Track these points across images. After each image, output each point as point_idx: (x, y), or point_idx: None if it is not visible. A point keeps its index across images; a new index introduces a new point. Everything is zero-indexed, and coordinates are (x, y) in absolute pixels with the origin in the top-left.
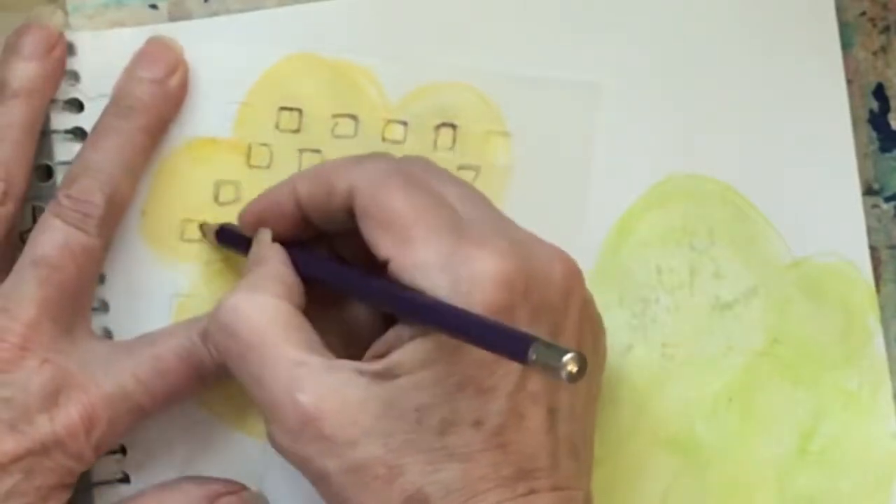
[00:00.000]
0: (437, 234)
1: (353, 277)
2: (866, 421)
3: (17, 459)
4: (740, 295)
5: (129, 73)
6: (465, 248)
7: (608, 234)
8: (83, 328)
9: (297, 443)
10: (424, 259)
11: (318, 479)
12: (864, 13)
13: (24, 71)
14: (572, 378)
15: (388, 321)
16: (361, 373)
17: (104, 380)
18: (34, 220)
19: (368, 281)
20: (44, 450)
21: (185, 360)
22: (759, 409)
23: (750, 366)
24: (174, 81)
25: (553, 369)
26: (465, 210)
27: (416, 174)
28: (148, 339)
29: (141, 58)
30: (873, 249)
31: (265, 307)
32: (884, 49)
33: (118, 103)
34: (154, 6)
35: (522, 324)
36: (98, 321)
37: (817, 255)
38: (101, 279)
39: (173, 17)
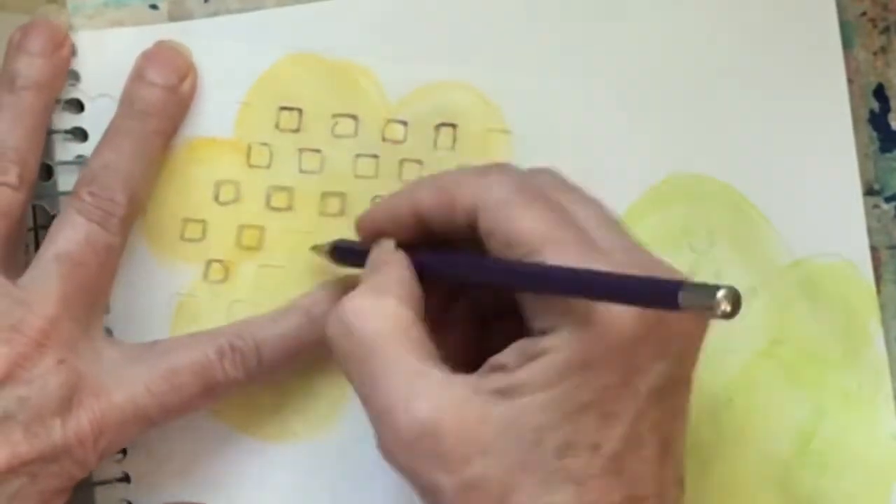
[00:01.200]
0: (567, 257)
1: (488, 263)
2: (866, 421)
3: (26, 464)
4: None
5: (140, 76)
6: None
7: None
8: (97, 329)
9: (409, 454)
10: None
11: (427, 492)
12: (864, 13)
13: (34, 66)
14: (727, 315)
15: (490, 336)
16: (481, 389)
17: (117, 389)
18: (35, 220)
19: (504, 263)
20: (53, 456)
21: (199, 376)
22: (760, 410)
23: (750, 366)
24: (185, 87)
25: (709, 308)
26: (599, 235)
27: (544, 190)
28: (163, 348)
29: (152, 61)
30: (874, 250)
31: (388, 312)
32: (884, 49)
33: (131, 106)
34: (154, 6)
35: (648, 356)
36: None
37: (818, 256)
38: None
39: (173, 18)
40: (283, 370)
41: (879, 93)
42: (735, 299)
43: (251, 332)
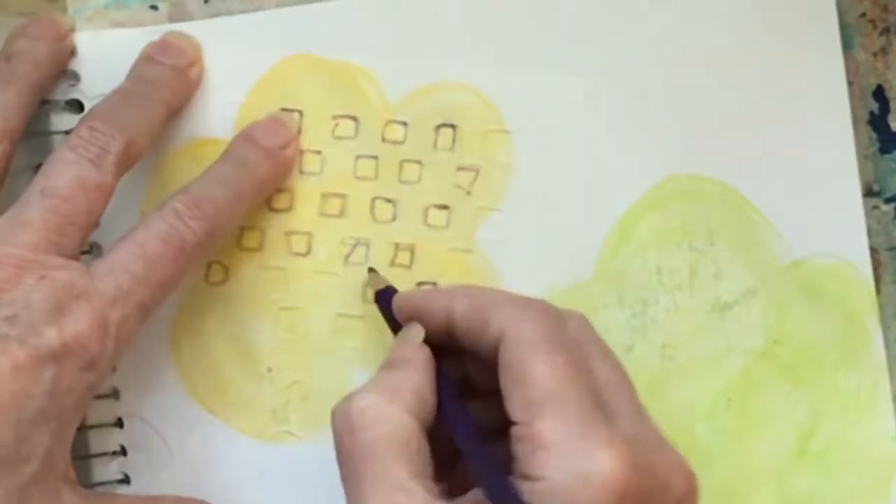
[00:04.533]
0: (569, 417)
1: (470, 435)
2: (865, 422)
3: (27, 368)
4: (740, 296)
5: (149, 57)
6: (591, 442)
7: (608, 235)
8: (77, 255)
9: None
10: (547, 437)
11: None
12: (864, 14)
13: (33, 46)
14: None
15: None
16: None
17: (103, 284)
18: None
19: (478, 449)
20: (54, 359)
21: (168, 244)
22: (759, 410)
23: (749, 366)
24: (193, 72)
25: None
26: (610, 399)
27: (571, 343)
28: (129, 235)
29: (161, 46)
30: (873, 251)
31: (393, 420)
32: (884, 50)
33: (139, 79)
34: (154, 7)
35: None
36: None
37: (817, 256)
38: None
39: (174, 19)
40: (236, 218)
41: (879, 94)
42: None
43: (194, 188)
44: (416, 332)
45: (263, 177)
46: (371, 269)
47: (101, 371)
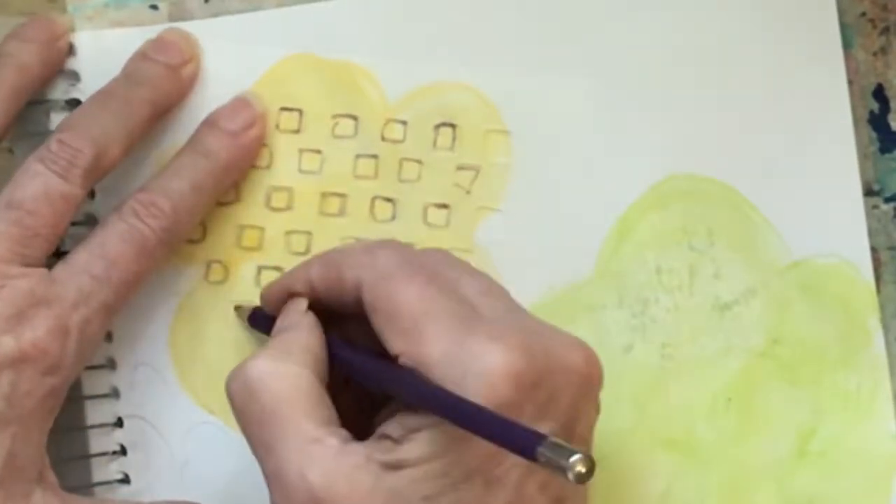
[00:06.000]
0: (447, 328)
1: (367, 363)
2: (865, 421)
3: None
4: (740, 295)
5: (143, 54)
6: (476, 343)
7: (608, 234)
8: (41, 262)
9: None
10: (432, 354)
11: None
12: (864, 14)
13: (22, 48)
14: (580, 479)
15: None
16: (372, 458)
17: (63, 289)
18: None
19: (380, 366)
20: (11, 365)
21: (128, 242)
22: (759, 410)
23: (749, 366)
24: (187, 70)
25: (561, 468)
26: (483, 303)
27: (430, 266)
28: (89, 238)
29: (157, 43)
30: (873, 250)
31: (289, 376)
32: (884, 50)
33: (128, 77)
34: (154, 7)
35: (529, 419)
36: None
37: (817, 256)
38: None
39: (174, 18)
40: (198, 210)
41: (879, 93)
42: (590, 465)
43: (152, 185)
44: (298, 302)
45: (225, 163)
46: (236, 307)
47: (65, 374)
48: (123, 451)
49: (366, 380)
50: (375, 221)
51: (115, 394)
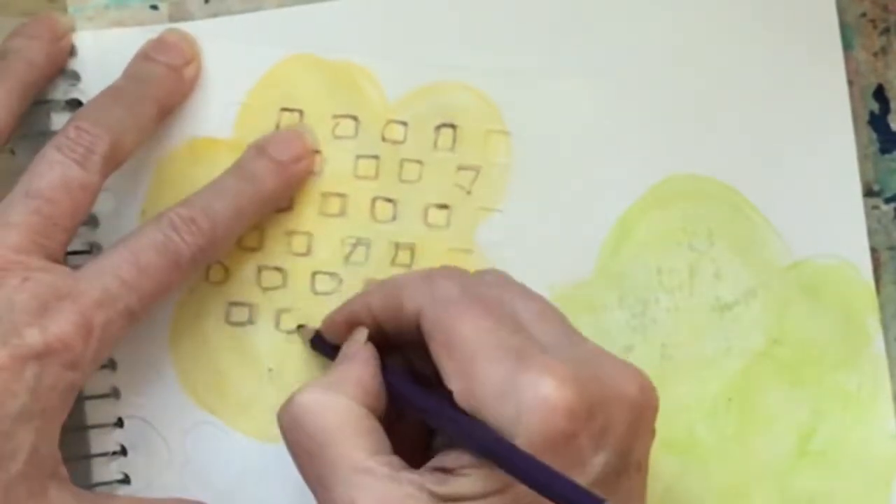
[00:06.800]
0: (501, 364)
1: (423, 400)
2: (866, 421)
3: (6, 368)
4: (740, 296)
5: (144, 55)
6: (528, 374)
7: (608, 235)
8: (61, 254)
9: None
10: (485, 390)
11: None
12: (864, 14)
13: (29, 46)
14: None
15: None
16: (424, 489)
17: (89, 286)
18: None
19: (436, 405)
20: (36, 358)
21: (163, 254)
22: (759, 410)
23: (750, 366)
24: (189, 71)
25: None
26: (538, 329)
27: (487, 293)
28: (123, 241)
29: (158, 43)
30: (873, 251)
31: (337, 408)
32: (884, 50)
33: (132, 76)
34: (155, 7)
35: (584, 449)
36: None
37: (817, 257)
38: None
39: (174, 18)
40: (235, 233)
41: (879, 94)
42: None
43: (195, 201)
44: (358, 334)
45: (270, 192)
46: (300, 326)
47: (84, 371)
48: (123, 451)
49: (421, 416)
50: (376, 222)
51: (115, 394)
